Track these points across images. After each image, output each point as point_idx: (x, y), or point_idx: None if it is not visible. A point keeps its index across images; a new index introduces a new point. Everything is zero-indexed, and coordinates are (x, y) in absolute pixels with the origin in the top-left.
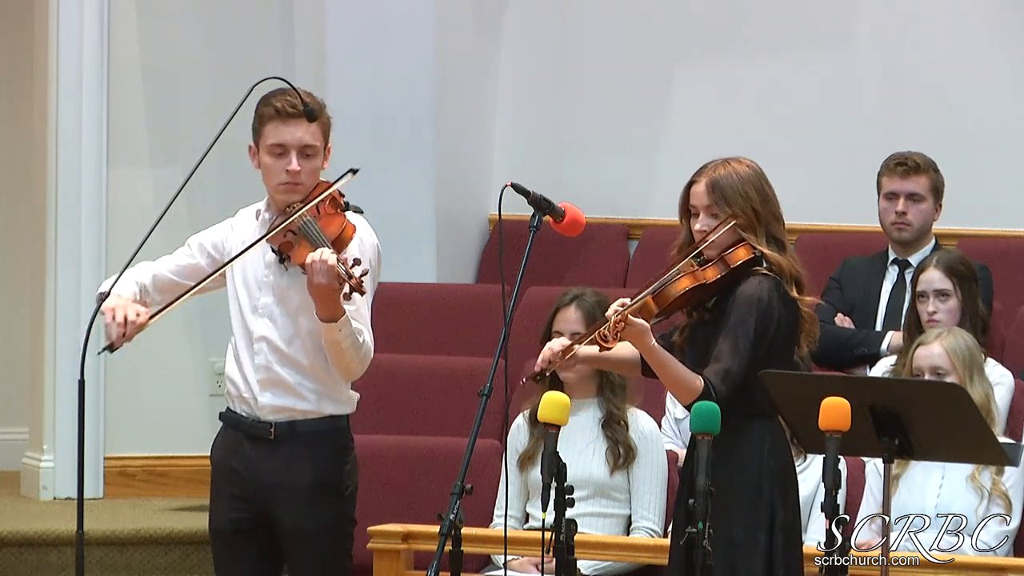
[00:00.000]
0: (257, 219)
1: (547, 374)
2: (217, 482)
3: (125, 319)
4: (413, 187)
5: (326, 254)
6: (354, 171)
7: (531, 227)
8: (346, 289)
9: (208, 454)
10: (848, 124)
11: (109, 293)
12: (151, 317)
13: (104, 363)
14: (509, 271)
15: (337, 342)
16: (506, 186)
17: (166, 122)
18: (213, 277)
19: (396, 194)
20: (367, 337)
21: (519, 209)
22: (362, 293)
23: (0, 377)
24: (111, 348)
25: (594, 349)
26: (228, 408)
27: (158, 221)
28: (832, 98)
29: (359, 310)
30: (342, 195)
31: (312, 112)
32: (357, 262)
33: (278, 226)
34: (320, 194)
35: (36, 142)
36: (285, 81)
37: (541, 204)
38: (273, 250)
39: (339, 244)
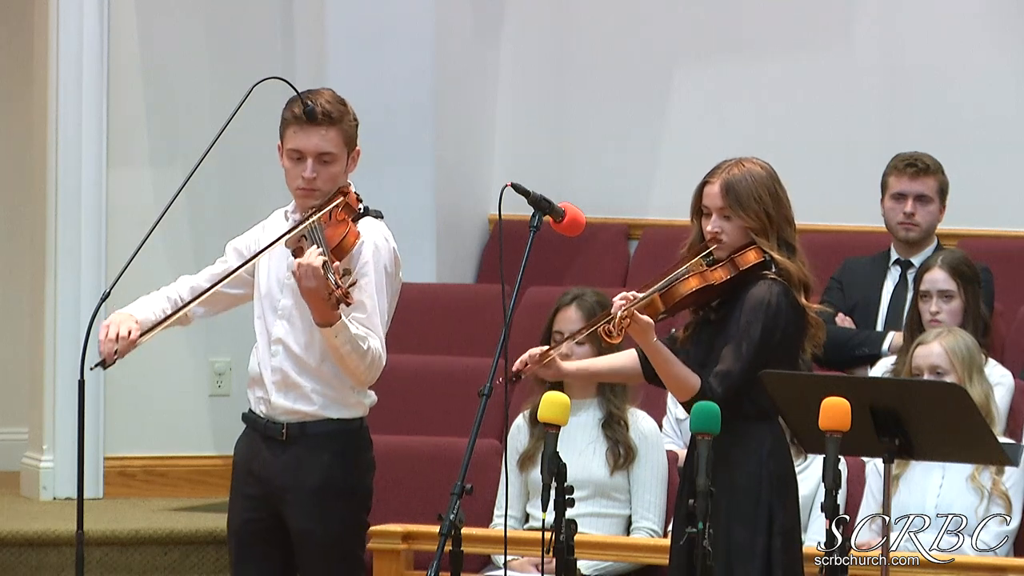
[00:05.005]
0: (286, 220)
1: (521, 376)
2: (235, 482)
3: (117, 335)
4: (413, 187)
5: (312, 257)
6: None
7: (531, 227)
8: (332, 300)
9: (208, 454)
10: (848, 124)
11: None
12: (143, 334)
13: None
14: (509, 271)
15: (335, 347)
16: (506, 186)
17: (166, 122)
18: (237, 278)
19: (396, 194)
20: (374, 344)
21: (519, 209)
22: (348, 304)
23: (0, 377)
24: (103, 364)
25: (577, 365)
26: (249, 408)
27: (158, 221)
28: (832, 98)
29: (369, 317)
30: (359, 200)
31: (327, 116)
32: (348, 273)
33: (291, 230)
34: (337, 199)
35: (36, 142)
36: (285, 81)
37: (541, 204)
38: (293, 253)
39: (339, 251)
